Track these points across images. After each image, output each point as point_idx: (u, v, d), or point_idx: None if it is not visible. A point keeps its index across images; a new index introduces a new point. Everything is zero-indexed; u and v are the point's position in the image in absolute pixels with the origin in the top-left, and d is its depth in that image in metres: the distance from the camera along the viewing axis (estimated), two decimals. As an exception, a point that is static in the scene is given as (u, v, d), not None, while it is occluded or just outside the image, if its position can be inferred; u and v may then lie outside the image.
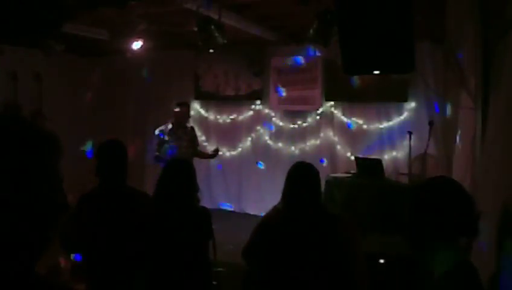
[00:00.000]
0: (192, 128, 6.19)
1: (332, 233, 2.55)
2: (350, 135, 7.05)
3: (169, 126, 5.84)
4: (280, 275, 2.55)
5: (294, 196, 2.63)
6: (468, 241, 3.15)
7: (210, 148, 7.97)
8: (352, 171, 6.26)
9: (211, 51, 5.18)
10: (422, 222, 1.67)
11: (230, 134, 7.88)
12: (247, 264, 2.75)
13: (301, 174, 2.68)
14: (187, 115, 6.08)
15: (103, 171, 2.84)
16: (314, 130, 7.33)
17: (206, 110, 8.09)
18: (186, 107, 6.14)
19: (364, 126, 6.93)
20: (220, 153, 7.92)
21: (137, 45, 5.58)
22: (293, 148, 7.46)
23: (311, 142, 7.35)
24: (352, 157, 6.71)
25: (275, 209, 2.76)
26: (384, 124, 6.80)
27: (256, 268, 2.69)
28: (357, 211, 5.31)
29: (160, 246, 2.72)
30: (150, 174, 7.71)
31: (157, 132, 5.88)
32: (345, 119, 7.10)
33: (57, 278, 4.51)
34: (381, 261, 3.66)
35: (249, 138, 7.76)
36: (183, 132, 5.87)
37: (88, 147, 7.86)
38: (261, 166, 7.65)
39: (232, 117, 7.88)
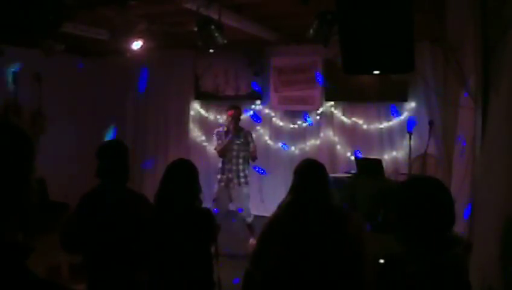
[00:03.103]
0: (248, 132, 5.92)
1: (341, 231, 2.52)
2: (350, 135, 7.06)
3: (221, 129, 5.91)
4: (287, 276, 2.52)
5: (302, 190, 2.61)
6: (467, 241, 3.15)
7: (210, 148, 7.98)
8: (352, 171, 6.27)
9: (211, 50, 5.18)
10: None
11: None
12: (255, 271, 2.70)
13: (309, 170, 2.68)
14: (232, 118, 5.75)
15: (104, 172, 2.85)
16: (314, 130, 7.33)
17: (206, 110, 8.09)
18: (237, 110, 5.90)
19: (365, 126, 6.94)
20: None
21: (137, 45, 5.58)
22: (293, 148, 7.46)
23: (311, 142, 7.35)
24: (352, 157, 6.72)
25: (280, 208, 2.73)
26: (384, 124, 6.80)
27: (263, 273, 2.65)
28: (357, 211, 5.31)
29: (162, 246, 2.72)
30: (150, 175, 7.73)
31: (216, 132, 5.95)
32: (345, 119, 7.10)
33: (57, 278, 4.52)
34: (381, 261, 3.66)
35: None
36: (236, 137, 5.72)
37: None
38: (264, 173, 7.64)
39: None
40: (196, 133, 8.13)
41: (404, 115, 6.66)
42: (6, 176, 1.00)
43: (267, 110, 7.63)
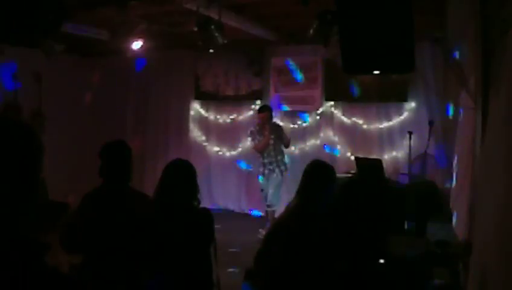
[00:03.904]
0: (277, 126, 6.52)
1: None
2: (350, 135, 7.06)
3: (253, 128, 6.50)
4: (290, 278, 2.52)
5: (307, 192, 2.62)
6: (468, 241, 3.15)
7: (210, 148, 7.99)
8: (352, 171, 6.26)
9: (211, 51, 5.19)
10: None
11: (230, 134, 7.88)
12: (258, 271, 2.71)
13: (315, 171, 2.69)
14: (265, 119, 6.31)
15: (106, 172, 2.84)
16: (314, 130, 7.33)
17: (206, 110, 8.08)
18: (268, 112, 6.39)
19: (365, 126, 6.93)
20: (220, 153, 7.96)
21: (137, 45, 5.58)
22: (293, 148, 7.45)
23: (311, 142, 7.35)
24: (352, 157, 6.71)
25: (287, 209, 2.75)
26: (384, 124, 6.80)
27: (268, 274, 2.65)
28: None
29: (161, 246, 2.72)
30: (150, 175, 7.72)
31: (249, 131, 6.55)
32: (345, 119, 7.10)
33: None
34: (381, 261, 3.66)
35: (249, 138, 7.75)
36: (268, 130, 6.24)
37: None
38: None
39: (232, 117, 7.88)
40: (196, 133, 8.13)
41: (404, 115, 6.66)
42: (21, 172, 1.01)
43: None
